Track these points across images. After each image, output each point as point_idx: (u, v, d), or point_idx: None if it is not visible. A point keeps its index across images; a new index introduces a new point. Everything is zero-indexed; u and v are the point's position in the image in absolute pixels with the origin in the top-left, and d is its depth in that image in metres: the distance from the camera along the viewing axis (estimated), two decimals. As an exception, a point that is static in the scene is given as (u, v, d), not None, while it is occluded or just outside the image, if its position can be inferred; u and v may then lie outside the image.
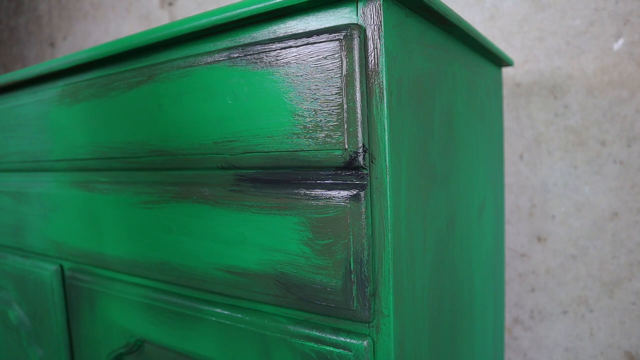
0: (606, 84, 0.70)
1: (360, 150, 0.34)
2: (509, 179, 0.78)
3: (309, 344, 0.37)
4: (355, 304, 0.35)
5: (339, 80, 0.34)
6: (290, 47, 0.36)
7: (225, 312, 0.43)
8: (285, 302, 0.38)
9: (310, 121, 0.35)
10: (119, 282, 0.52)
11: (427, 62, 0.41)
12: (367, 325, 0.36)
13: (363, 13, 0.34)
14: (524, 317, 0.79)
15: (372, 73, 0.34)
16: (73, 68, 0.52)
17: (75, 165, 0.54)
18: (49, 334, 0.61)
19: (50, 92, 0.55)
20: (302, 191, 0.37)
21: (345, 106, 0.34)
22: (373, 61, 0.34)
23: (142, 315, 0.50)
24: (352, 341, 0.36)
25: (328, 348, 0.36)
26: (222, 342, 0.43)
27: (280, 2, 0.35)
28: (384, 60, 0.33)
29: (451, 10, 0.41)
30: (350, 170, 0.35)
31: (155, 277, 0.48)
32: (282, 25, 0.37)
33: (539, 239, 0.77)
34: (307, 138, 0.35)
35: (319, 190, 0.36)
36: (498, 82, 0.65)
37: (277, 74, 0.36)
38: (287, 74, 0.36)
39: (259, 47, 0.37)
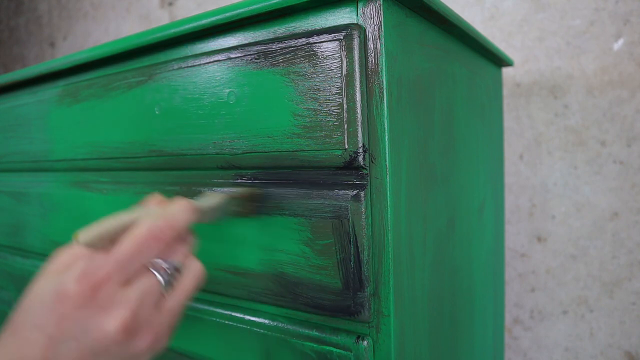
0: (606, 84, 0.70)
1: (360, 150, 0.34)
2: (509, 179, 0.78)
3: (309, 344, 0.37)
4: (355, 304, 0.35)
5: (339, 80, 0.34)
6: (291, 47, 0.36)
7: (225, 312, 0.43)
8: (285, 302, 0.38)
9: (310, 121, 0.35)
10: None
11: (427, 62, 0.41)
12: (367, 325, 0.36)
13: (363, 13, 0.34)
14: (524, 317, 0.79)
15: (372, 73, 0.34)
16: (73, 68, 0.52)
17: (75, 165, 0.54)
18: None
19: (50, 92, 0.55)
20: (302, 191, 0.37)
21: (345, 106, 0.34)
22: (373, 61, 0.34)
23: (142, 315, 0.50)
24: (352, 341, 0.36)
25: (328, 348, 0.36)
26: (222, 342, 0.43)
27: (280, 2, 0.35)
28: (384, 60, 0.33)
29: (451, 10, 0.41)
30: (350, 170, 0.35)
31: (155, 277, 0.48)
32: (282, 25, 0.37)
33: (539, 239, 0.77)
34: (307, 138, 0.35)
35: (319, 190, 0.36)
36: (498, 82, 0.65)
37: (277, 74, 0.36)
38: (287, 74, 0.36)
39: (259, 47, 0.37)
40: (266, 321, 0.40)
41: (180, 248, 0.31)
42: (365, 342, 0.35)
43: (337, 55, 0.34)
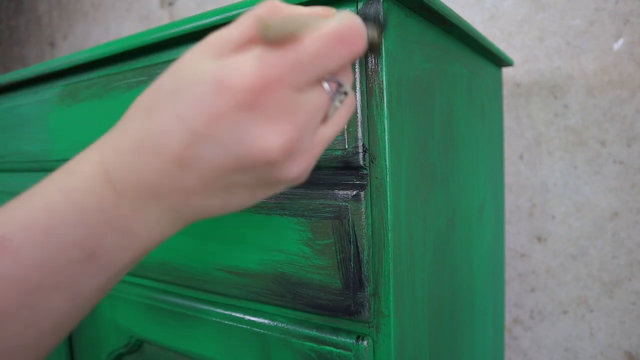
0: (606, 84, 0.70)
1: (360, 150, 0.34)
2: (509, 179, 0.78)
3: (309, 344, 0.37)
4: (355, 304, 0.35)
5: (339, 80, 0.34)
6: (290, 47, 0.36)
7: (225, 312, 0.43)
8: (285, 302, 0.38)
9: (310, 121, 0.35)
10: (119, 282, 0.52)
11: (427, 62, 0.41)
12: (367, 325, 0.36)
13: (363, 13, 0.34)
14: (524, 317, 0.79)
15: (372, 73, 0.34)
16: (73, 68, 0.52)
17: (75, 165, 0.54)
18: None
19: (50, 92, 0.55)
20: (302, 191, 0.37)
21: (345, 106, 0.34)
22: (373, 61, 0.34)
23: (142, 315, 0.50)
24: (352, 341, 0.36)
25: (328, 348, 0.36)
26: (222, 342, 0.43)
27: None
28: (384, 60, 0.33)
29: (451, 10, 0.41)
30: (350, 170, 0.35)
31: (155, 277, 0.48)
32: (282, 25, 0.37)
33: (539, 239, 0.77)
34: (307, 138, 0.35)
35: (319, 190, 0.36)
36: (498, 82, 0.65)
37: (277, 74, 0.36)
38: (287, 74, 0.36)
39: (259, 47, 0.37)
40: (266, 321, 0.40)
41: (349, 69, 0.24)
42: (365, 342, 0.35)
43: (337, 55, 0.34)
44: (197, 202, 0.23)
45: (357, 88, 0.33)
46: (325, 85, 0.23)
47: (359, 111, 0.33)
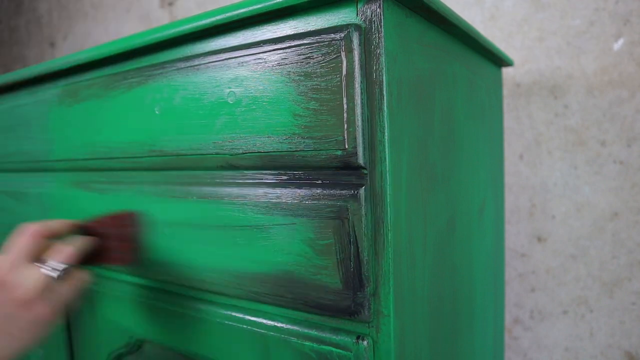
0: (606, 84, 0.70)
1: (360, 150, 0.34)
2: (509, 179, 0.78)
3: (309, 344, 0.37)
4: (355, 304, 0.35)
5: (339, 80, 0.34)
6: (291, 47, 0.36)
7: (225, 312, 0.43)
8: (285, 302, 0.38)
9: (310, 121, 0.35)
10: (119, 282, 0.52)
11: (427, 62, 0.41)
12: (367, 325, 0.36)
13: (363, 13, 0.34)
14: (524, 317, 0.79)
15: (372, 73, 0.34)
16: (73, 68, 0.52)
17: (75, 165, 0.54)
18: (49, 334, 0.61)
19: (50, 92, 0.55)
20: (302, 191, 0.37)
21: (345, 106, 0.34)
22: (373, 61, 0.34)
23: (142, 315, 0.50)
24: (352, 341, 0.36)
25: (328, 348, 0.36)
26: (222, 342, 0.43)
27: (280, 2, 0.35)
28: (384, 60, 0.33)
29: (451, 10, 0.41)
30: (350, 170, 0.35)
31: (155, 277, 0.48)
32: (282, 25, 0.37)
33: (539, 239, 0.77)
34: (307, 138, 0.35)
35: (319, 190, 0.36)
36: (498, 82, 0.65)
37: (277, 74, 0.36)
38: (288, 74, 0.36)
39: (259, 47, 0.37)
40: (266, 321, 0.40)
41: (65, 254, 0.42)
42: (365, 342, 0.35)
43: (337, 55, 0.34)
44: None
45: (357, 88, 0.33)
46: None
47: (359, 111, 0.33)
